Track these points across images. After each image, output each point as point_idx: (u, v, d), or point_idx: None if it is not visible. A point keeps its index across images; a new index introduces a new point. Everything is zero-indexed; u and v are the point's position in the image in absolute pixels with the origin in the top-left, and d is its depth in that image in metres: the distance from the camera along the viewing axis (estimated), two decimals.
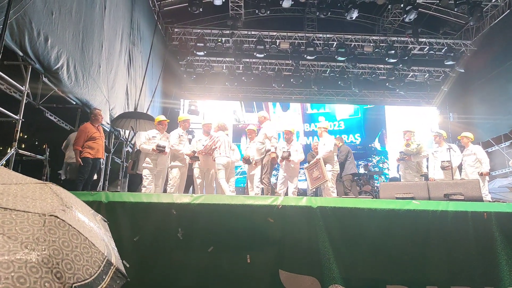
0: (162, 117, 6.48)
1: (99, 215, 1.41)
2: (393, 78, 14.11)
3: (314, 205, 3.38)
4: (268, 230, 3.34)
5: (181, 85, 14.40)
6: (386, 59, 13.08)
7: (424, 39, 13.09)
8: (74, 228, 0.99)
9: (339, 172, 6.88)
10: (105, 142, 6.28)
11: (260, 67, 14.23)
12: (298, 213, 3.37)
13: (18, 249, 0.83)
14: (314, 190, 7.11)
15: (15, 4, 4.60)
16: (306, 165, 7.01)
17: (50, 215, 0.96)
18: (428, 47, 13.09)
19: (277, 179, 6.94)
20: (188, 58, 13.41)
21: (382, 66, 14.26)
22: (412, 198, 3.91)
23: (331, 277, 3.16)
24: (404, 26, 12.95)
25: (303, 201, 3.45)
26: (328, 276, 3.15)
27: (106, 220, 1.44)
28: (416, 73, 14.43)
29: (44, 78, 5.93)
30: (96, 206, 3.26)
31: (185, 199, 3.43)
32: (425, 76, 14.43)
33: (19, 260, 0.81)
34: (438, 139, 7.01)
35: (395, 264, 3.28)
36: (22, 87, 5.52)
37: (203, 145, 6.53)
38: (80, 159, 5.45)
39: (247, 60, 13.79)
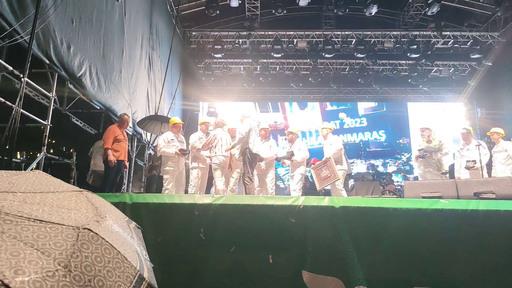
0: (177, 119, 6.53)
1: (133, 222, 1.40)
2: (416, 73, 13.72)
3: (336, 205, 3.32)
4: (289, 230, 3.30)
5: (200, 88, 14.55)
6: (408, 54, 12.74)
7: (448, 33, 12.66)
8: (107, 242, 0.99)
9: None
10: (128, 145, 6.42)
11: (278, 67, 14.18)
12: (320, 213, 3.33)
13: (51, 266, 0.82)
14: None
15: (40, 14, 4.77)
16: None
17: (84, 228, 0.96)
18: (452, 41, 12.66)
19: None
20: (206, 60, 13.54)
21: (404, 62, 13.90)
22: (440, 197, 3.78)
23: (355, 278, 3.09)
24: (426, 20, 12.57)
25: (325, 201, 3.40)
26: (353, 277, 3.09)
27: (139, 227, 1.43)
28: (440, 68, 13.98)
29: (69, 85, 6.13)
30: (121, 207, 3.32)
31: (207, 199, 3.45)
32: (450, 71, 13.96)
33: (52, 278, 0.80)
34: (467, 135, 6.72)
35: (422, 265, 3.17)
36: (49, 93, 5.72)
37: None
38: (110, 157, 5.47)
39: (265, 60, 13.77)
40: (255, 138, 6.01)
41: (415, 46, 12.45)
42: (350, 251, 3.16)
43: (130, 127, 8.29)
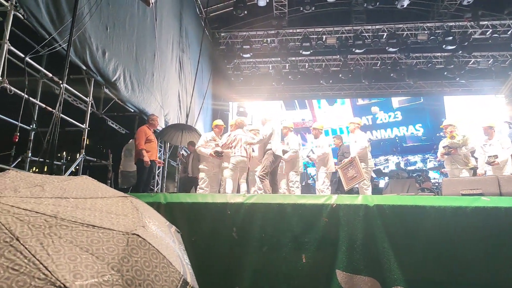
0: (220, 122, 6.70)
1: (173, 226, 1.45)
2: (452, 66, 13.08)
3: (370, 203, 3.23)
4: (322, 229, 3.26)
5: (230, 88, 14.69)
6: (444, 46, 12.15)
7: (486, 22, 11.94)
8: (154, 247, 1.03)
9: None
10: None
11: (307, 64, 14.03)
12: (353, 211, 3.25)
13: (106, 271, 0.87)
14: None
15: (77, 23, 5.01)
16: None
17: (133, 234, 1.01)
18: (491, 30, 11.93)
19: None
20: (235, 61, 13.64)
21: (439, 54, 13.29)
22: (481, 194, 3.58)
23: (392, 278, 3.00)
24: (462, 9, 11.94)
25: (359, 200, 3.32)
26: (389, 277, 3.00)
27: (179, 231, 1.48)
28: (478, 59, 13.24)
29: (105, 89, 6.40)
30: (155, 207, 3.42)
31: (239, 199, 3.48)
32: (489, 62, 13.19)
33: (107, 282, 0.85)
34: (489, 130, 6.39)
35: (462, 267, 3.02)
36: (87, 98, 6.00)
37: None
38: (145, 158, 5.56)
39: (293, 58, 13.67)
40: (277, 140, 6.00)
41: (450, 38, 11.86)
42: (386, 251, 3.06)
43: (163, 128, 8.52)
